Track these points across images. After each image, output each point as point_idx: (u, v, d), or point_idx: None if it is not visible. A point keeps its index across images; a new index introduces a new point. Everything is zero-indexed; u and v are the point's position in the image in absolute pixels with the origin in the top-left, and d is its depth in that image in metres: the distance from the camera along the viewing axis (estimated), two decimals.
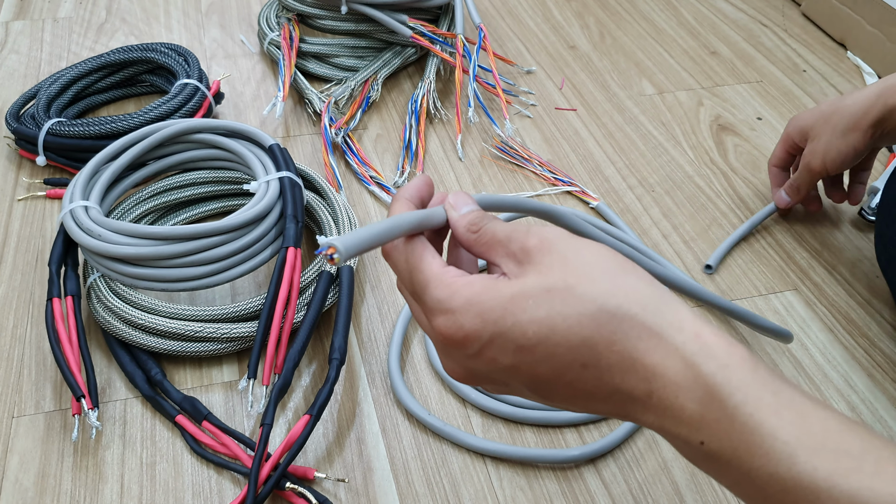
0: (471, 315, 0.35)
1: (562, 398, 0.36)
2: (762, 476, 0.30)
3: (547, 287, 0.34)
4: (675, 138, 0.91)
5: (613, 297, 0.33)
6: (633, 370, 0.33)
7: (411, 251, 0.38)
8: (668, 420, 0.33)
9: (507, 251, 0.37)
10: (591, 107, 0.96)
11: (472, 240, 0.38)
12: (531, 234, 0.36)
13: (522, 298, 0.34)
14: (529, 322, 0.33)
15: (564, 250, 0.35)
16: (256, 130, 0.74)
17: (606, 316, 0.33)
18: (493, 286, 0.35)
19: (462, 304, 0.35)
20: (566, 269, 0.34)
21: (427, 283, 0.37)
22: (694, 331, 0.33)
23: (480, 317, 0.34)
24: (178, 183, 0.76)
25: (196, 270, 0.65)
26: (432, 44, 0.94)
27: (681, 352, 0.32)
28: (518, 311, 0.34)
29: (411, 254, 0.38)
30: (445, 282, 0.36)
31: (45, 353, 0.66)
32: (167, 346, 0.64)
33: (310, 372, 0.65)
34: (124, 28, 1.09)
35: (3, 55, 1.03)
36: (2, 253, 0.75)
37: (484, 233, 0.38)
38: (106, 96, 0.94)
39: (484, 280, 0.36)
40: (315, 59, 0.98)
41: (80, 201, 0.67)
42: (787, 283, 0.74)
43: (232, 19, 1.11)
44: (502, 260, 0.37)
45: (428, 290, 0.36)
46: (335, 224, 0.72)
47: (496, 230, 0.38)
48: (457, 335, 0.35)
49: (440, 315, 0.36)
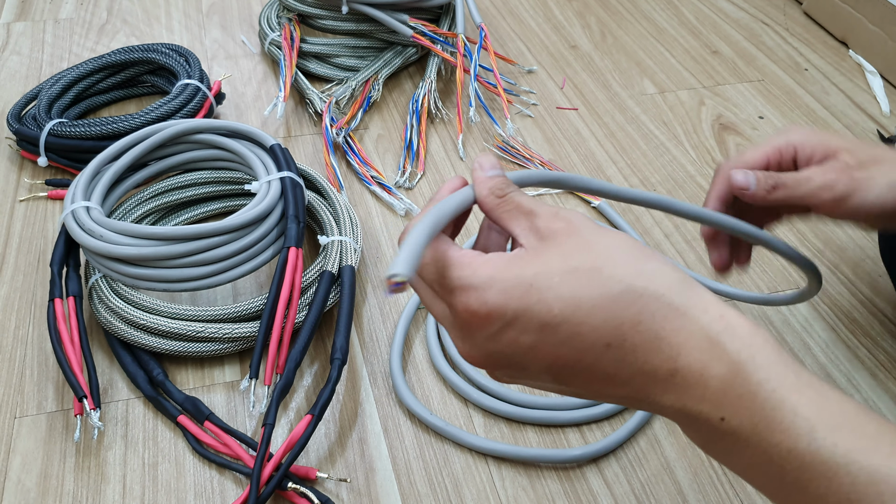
0: (494, 291, 0.34)
1: (580, 382, 0.35)
2: (781, 452, 0.31)
3: (572, 267, 0.33)
4: (676, 138, 0.91)
5: (639, 278, 0.33)
6: (657, 350, 0.33)
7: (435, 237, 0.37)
8: (689, 398, 0.33)
9: (531, 225, 0.36)
10: (593, 106, 0.96)
11: (495, 204, 0.38)
12: (559, 216, 0.36)
13: (547, 276, 0.33)
14: (555, 299, 0.33)
15: (589, 236, 0.35)
16: (257, 131, 0.74)
17: (633, 296, 0.33)
18: (515, 262, 0.34)
19: (485, 280, 0.34)
20: (591, 253, 0.34)
21: (447, 264, 0.36)
22: (719, 312, 0.33)
23: (504, 293, 0.34)
24: (180, 183, 0.76)
25: (197, 271, 0.65)
26: (433, 43, 0.94)
27: (706, 331, 0.32)
28: (543, 287, 0.33)
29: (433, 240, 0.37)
30: (465, 261, 0.35)
31: (47, 353, 0.66)
32: (169, 347, 0.64)
33: (311, 372, 0.65)
34: (125, 29, 1.09)
35: (5, 56, 1.03)
36: (4, 254, 0.75)
37: (509, 200, 0.37)
38: (107, 97, 0.94)
39: (504, 257, 0.35)
40: (316, 60, 0.98)
41: (82, 202, 0.67)
42: (789, 282, 0.74)
43: (233, 20, 1.11)
44: (523, 232, 0.36)
45: (448, 271, 0.35)
46: (336, 224, 0.72)
47: (521, 200, 0.37)
48: (480, 311, 0.34)
49: (462, 293, 0.35)
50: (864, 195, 0.49)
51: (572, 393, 0.37)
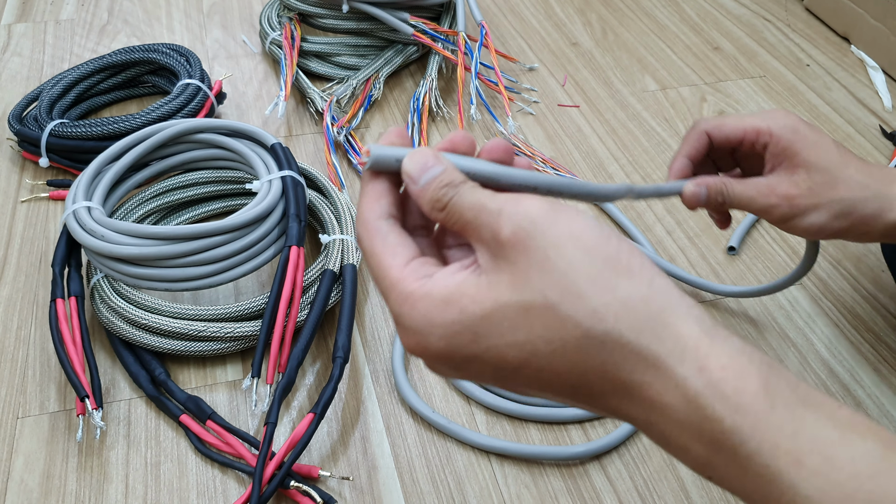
0: (435, 337, 0.30)
1: (563, 400, 0.32)
2: None
3: (524, 305, 0.29)
4: (678, 134, 0.91)
5: (601, 320, 0.28)
6: (629, 398, 0.29)
7: (375, 233, 0.33)
8: (672, 450, 0.30)
9: (479, 237, 0.31)
10: (594, 103, 0.96)
11: (441, 220, 0.32)
12: (503, 218, 0.30)
13: (497, 319, 0.29)
14: (507, 346, 0.29)
15: (544, 245, 0.29)
16: (258, 130, 0.74)
17: (594, 343, 0.29)
18: (458, 297, 0.30)
19: (423, 324, 0.30)
20: (546, 277, 0.29)
21: (387, 288, 0.32)
22: (698, 363, 0.28)
23: (446, 340, 0.30)
24: (181, 183, 0.76)
25: (199, 270, 0.65)
26: (434, 41, 0.94)
27: (682, 389, 0.28)
28: (493, 334, 0.30)
29: (374, 237, 0.33)
30: (404, 291, 0.31)
31: (49, 354, 0.66)
32: (171, 346, 0.64)
33: (314, 371, 0.65)
34: (126, 30, 1.09)
35: (6, 58, 1.03)
36: (6, 255, 0.75)
37: (451, 211, 0.32)
38: (108, 97, 0.94)
39: (448, 287, 0.31)
40: (317, 59, 0.98)
41: (83, 202, 0.67)
42: None
43: (233, 20, 1.11)
44: (478, 245, 0.31)
45: (388, 298, 0.32)
46: (338, 223, 0.72)
47: (463, 209, 0.31)
48: (424, 356, 0.31)
49: (402, 332, 0.32)
50: (800, 221, 0.52)
51: None
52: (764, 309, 0.70)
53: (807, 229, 0.52)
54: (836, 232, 0.52)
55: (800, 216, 0.51)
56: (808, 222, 0.51)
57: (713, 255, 0.76)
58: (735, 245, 0.75)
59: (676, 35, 1.10)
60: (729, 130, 0.53)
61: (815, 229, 0.52)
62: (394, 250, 0.32)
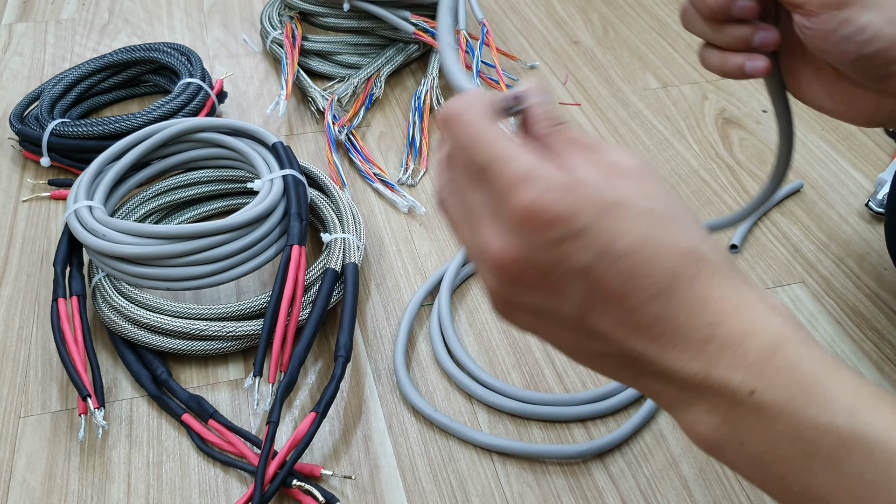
0: (570, 198, 0.31)
1: (607, 326, 0.32)
2: (817, 426, 0.30)
3: (650, 207, 0.31)
4: (679, 132, 0.91)
5: (705, 242, 0.32)
6: (701, 312, 0.31)
7: (487, 121, 0.33)
8: (720, 366, 0.31)
9: (594, 159, 0.32)
10: (596, 102, 0.96)
11: (549, 130, 0.34)
12: (627, 153, 0.33)
13: (625, 207, 0.31)
14: (626, 232, 0.31)
15: (663, 184, 0.33)
16: (259, 129, 0.74)
17: (696, 255, 0.32)
18: (597, 182, 0.31)
19: (565, 182, 0.31)
20: (667, 199, 0.32)
21: (512, 154, 0.32)
22: (760, 292, 0.33)
23: (577, 205, 0.31)
24: (182, 182, 0.76)
25: (201, 269, 0.65)
26: (434, 40, 0.94)
27: (753, 304, 0.32)
28: (618, 217, 0.31)
29: (486, 123, 0.33)
30: (537, 155, 0.32)
31: (51, 353, 0.66)
32: (173, 345, 0.63)
33: (315, 370, 0.65)
34: (127, 29, 1.09)
35: (7, 57, 1.03)
36: (7, 254, 0.75)
37: (564, 130, 0.34)
38: (109, 97, 0.94)
39: (588, 170, 0.32)
40: (318, 57, 0.98)
41: (85, 201, 0.67)
42: (794, 276, 0.74)
43: (234, 18, 1.11)
44: (585, 165, 0.32)
45: (515, 161, 0.32)
46: (339, 222, 0.72)
47: (577, 134, 0.34)
48: (549, 210, 0.31)
49: (531, 186, 0.31)
50: (847, 19, 0.42)
51: (580, 348, 0.34)
52: None
53: (850, 38, 0.42)
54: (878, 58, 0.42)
55: (848, 7, 0.42)
56: (859, 23, 0.42)
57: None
58: (737, 243, 0.75)
59: (678, 33, 1.10)
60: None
61: (862, 39, 0.42)
62: (513, 143, 0.33)
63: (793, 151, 0.50)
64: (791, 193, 0.82)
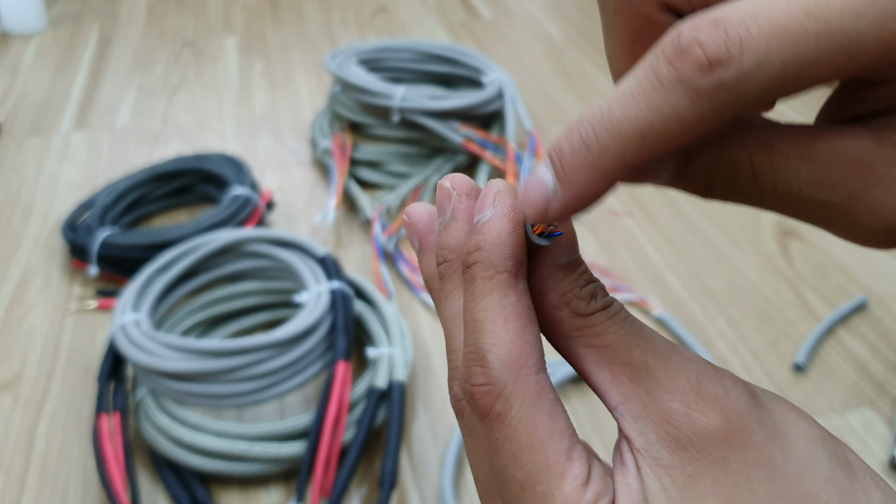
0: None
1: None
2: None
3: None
4: (736, 244, 0.89)
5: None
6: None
7: (536, 399, 0.22)
8: None
9: (656, 410, 0.22)
10: (648, 210, 0.94)
11: (574, 326, 0.23)
12: (707, 396, 0.21)
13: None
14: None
15: (768, 448, 0.21)
16: (308, 240, 0.73)
17: None
18: None
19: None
20: (775, 487, 0.20)
21: (561, 473, 0.21)
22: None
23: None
24: (229, 294, 0.75)
25: (245, 386, 0.63)
26: (483, 149, 0.94)
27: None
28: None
29: (535, 409, 0.22)
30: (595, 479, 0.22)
31: (90, 472, 0.65)
32: (214, 467, 0.61)
33: (360, 495, 0.62)
34: (179, 137, 1.11)
35: (63, 166, 1.05)
36: (52, 367, 0.74)
37: (605, 332, 0.23)
38: (160, 205, 0.95)
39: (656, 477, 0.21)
40: (367, 167, 0.98)
41: (131, 313, 0.67)
42: (863, 398, 0.70)
43: (285, 128, 1.13)
44: (639, 424, 0.22)
45: (559, 489, 0.21)
46: (386, 335, 0.70)
47: (627, 339, 0.22)
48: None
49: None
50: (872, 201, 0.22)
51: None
52: (834, 431, 0.66)
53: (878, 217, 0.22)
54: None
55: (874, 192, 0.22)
56: None
57: (779, 373, 0.72)
58: (801, 362, 0.72)
59: None
60: None
61: None
62: (569, 449, 0.22)
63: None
64: (855, 309, 0.78)
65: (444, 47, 1.05)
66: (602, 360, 0.23)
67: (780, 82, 0.18)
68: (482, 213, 0.23)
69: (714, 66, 0.18)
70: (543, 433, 0.22)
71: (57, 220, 0.94)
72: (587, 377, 0.23)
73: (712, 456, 0.21)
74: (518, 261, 0.23)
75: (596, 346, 0.23)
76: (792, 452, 0.21)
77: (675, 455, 0.21)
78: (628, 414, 0.22)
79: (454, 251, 0.24)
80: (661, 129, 0.19)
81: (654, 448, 0.21)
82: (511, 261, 0.22)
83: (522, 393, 0.22)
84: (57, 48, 1.36)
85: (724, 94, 0.19)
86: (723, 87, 0.18)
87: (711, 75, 0.18)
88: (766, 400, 0.22)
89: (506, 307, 0.22)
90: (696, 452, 0.21)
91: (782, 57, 0.18)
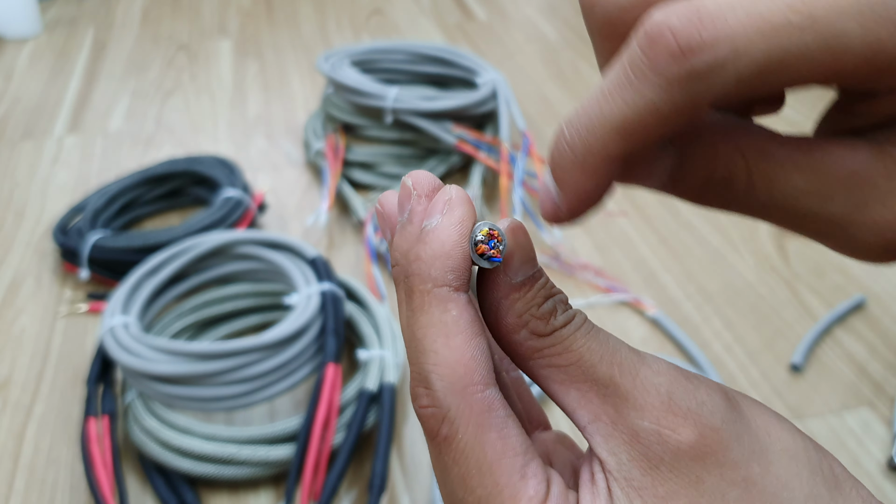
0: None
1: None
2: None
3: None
4: (732, 244, 0.88)
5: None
6: None
7: (486, 418, 0.21)
8: None
9: (624, 426, 0.20)
10: (643, 210, 0.94)
11: (533, 350, 0.22)
12: (682, 414, 0.20)
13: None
14: None
15: (745, 462, 0.20)
16: (299, 242, 0.72)
17: None
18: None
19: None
20: (750, 500, 0.20)
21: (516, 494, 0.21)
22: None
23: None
24: (219, 297, 0.74)
25: (234, 389, 0.62)
26: (476, 150, 0.93)
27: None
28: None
29: (485, 428, 0.21)
30: None
31: (78, 476, 0.64)
32: (202, 471, 0.61)
33: (350, 499, 0.62)
34: (172, 140, 1.11)
35: (55, 170, 1.04)
36: (42, 370, 0.74)
37: (565, 346, 0.22)
38: (151, 208, 0.94)
39: None
40: (360, 168, 0.98)
41: (120, 317, 0.66)
42: (860, 398, 0.69)
43: (278, 130, 1.12)
44: (607, 442, 0.21)
45: None
46: (377, 336, 0.69)
47: (591, 353, 0.21)
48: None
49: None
50: (869, 213, 0.22)
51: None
52: (832, 433, 0.65)
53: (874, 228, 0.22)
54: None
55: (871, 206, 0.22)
56: None
57: (776, 374, 0.71)
58: (798, 362, 0.71)
59: None
60: None
61: None
62: (523, 467, 0.21)
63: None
64: (853, 309, 0.77)
65: (437, 48, 1.04)
66: (567, 378, 0.21)
67: (762, 73, 0.18)
68: (430, 218, 0.22)
69: (686, 53, 0.18)
70: (492, 455, 0.21)
71: (49, 223, 0.93)
72: (554, 397, 0.22)
73: (686, 475, 0.20)
74: (460, 275, 0.21)
75: (559, 365, 0.22)
76: (771, 468, 0.20)
77: (647, 475, 0.20)
78: (598, 434, 0.21)
79: (405, 256, 0.22)
80: (638, 122, 0.19)
81: (626, 468, 0.20)
82: (452, 274, 0.21)
83: (468, 414, 0.21)
84: (51, 52, 1.36)
85: (697, 83, 0.18)
86: (694, 75, 0.18)
87: (682, 63, 0.18)
88: (747, 409, 0.21)
89: (446, 323, 0.21)
90: (668, 472, 0.20)
91: (763, 47, 0.18)
